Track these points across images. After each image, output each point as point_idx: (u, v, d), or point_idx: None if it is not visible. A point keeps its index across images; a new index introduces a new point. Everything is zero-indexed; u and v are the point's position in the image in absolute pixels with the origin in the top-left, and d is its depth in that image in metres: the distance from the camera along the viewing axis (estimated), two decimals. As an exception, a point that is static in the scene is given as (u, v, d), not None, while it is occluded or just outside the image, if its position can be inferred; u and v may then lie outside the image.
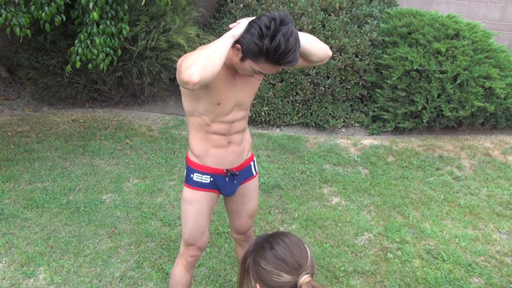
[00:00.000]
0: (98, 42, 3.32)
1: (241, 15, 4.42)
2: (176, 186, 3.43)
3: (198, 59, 1.55)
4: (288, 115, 4.43)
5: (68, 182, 3.41)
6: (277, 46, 1.55)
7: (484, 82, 4.13)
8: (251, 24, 1.61)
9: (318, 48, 1.79)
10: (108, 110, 4.53)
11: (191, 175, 1.95)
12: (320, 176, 3.69)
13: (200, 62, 1.54)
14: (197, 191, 1.95)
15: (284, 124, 4.50)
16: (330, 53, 1.84)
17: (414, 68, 4.15)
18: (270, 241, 1.32)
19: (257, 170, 2.12)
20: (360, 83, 4.47)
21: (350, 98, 4.53)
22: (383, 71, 4.36)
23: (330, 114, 4.44)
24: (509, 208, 3.42)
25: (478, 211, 3.36)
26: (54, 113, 4.42)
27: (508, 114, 4.39)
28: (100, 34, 3.34)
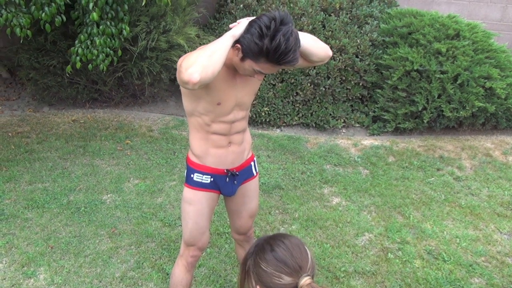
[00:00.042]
0: (98, 42, 3.33)
1: (241, 15, 4.42)
2: (176, 186, 3.43)
3: (198, 59, 1.55)
4: (289, 116, 4.43)
5: (68, 182, 3.41)
6: (277, 46, 1.55)
7: (485, 83, 4.13)
8: (251, 24, 1.61)
9: (318, 48, 1.79)
10: (108, 110, 4.53)
11: (192, 175, 1.95)
12: (321, 176, 3.68)
13: (200, 62, 1.54)
14: (197, 191, 1.95)
15: (284, 124, 4.50)
16: (330, 53, 1.84)
17: (415, 68, 4.14)
18: (271, 243, 1.31)
19: (257, 170, 2.12)
20: (361, 84, 4.47)
21: (351, 98, 4.52)
22: (384, 72, 4.36)
23: (331, 115, 4.44)
24: (510, 208, 3.42)
25: (479, 211, 3.36)
26: (54, 113, 4.42)
27: (509, 114, 4.38)
28: (100, 34, 3.34)
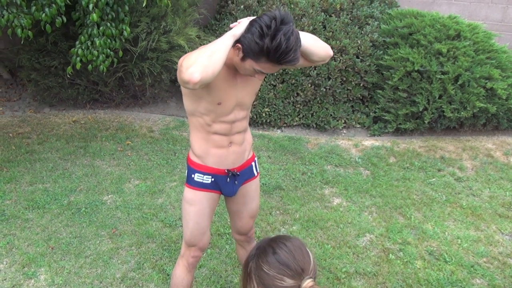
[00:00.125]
0: (98, 43, 3.32)
1: (241, 16, 4.42)
2: (177, 187, 3.43)
3: (199, 59, 1.54)
4: (289, 116, 4.42)
5: (69, 183, 3.40)
6: (278, 45, 1.55)
7: (486, 83, 4.12)
8: (252, 24, 1.61)
9: (319, 47, 1.78)
10: (109, 111, 4.53)
11: (192, 175, 1.94)
12: (321, 177, 3.68)
13: (200, 62, 1.54)
14: (198, 192, 1.94)
15: (285, 125, 4.50)
16: (331, 52, 1.83)
17: (415, 69, 4.14)
18: (272, 245, 1.30)
19: (258, 171, 2.11)
20: (361, 84, 4.46)
21: (351, 99, 4.52)
22: (384, 72, 4.35)
23: (331, 115, 4.43)
24: (511, 209, 3.41)
25: (480, 212, 3.35)
26: (55, 114, 4.42)
27: (510, 115, 4.37)
28: (100, 35, 3.34)
